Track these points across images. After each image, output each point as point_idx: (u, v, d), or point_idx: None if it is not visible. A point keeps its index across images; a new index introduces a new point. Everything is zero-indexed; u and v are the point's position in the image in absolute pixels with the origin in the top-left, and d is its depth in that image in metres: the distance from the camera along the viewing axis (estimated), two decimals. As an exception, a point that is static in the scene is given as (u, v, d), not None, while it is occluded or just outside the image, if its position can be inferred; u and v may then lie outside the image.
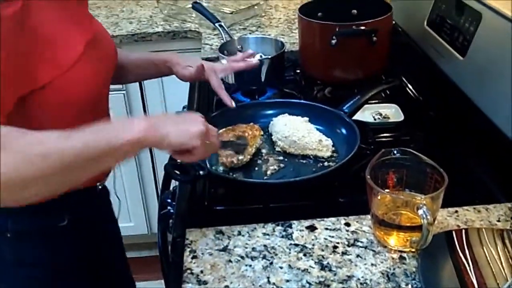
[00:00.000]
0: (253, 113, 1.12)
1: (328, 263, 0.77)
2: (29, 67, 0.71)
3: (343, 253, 0.79)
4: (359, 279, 0.74)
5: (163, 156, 1.07)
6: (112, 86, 0.96)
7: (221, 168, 0.97)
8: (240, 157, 0.96)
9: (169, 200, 0.97)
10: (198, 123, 0.74)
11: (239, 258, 0.79)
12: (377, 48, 1.20)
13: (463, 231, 0.77)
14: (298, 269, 0.76)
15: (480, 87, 1.01)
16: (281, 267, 0.77)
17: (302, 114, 1.08)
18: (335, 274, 0.75)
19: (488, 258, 0.71)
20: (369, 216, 0.83)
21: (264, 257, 0.79)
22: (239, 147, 0.96)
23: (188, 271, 0.77)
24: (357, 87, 1.18)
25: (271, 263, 0.77)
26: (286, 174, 0.97)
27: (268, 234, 0.84)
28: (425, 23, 1.25)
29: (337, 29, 1.17)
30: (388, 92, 1.25)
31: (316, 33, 1.24)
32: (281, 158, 1.03)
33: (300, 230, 0.84)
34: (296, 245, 0.81)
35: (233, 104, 1.05)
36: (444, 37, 1.15)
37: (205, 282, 0.74)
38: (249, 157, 0.97)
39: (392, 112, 1.18)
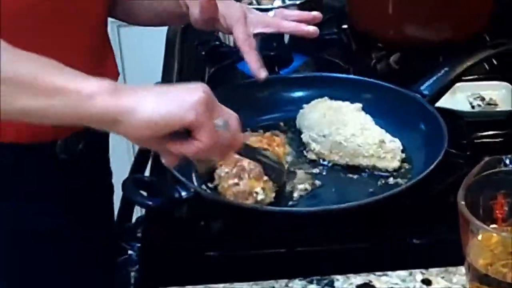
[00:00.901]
0: (270, 96, 1.14)
1: None
2: None
3: (419, 330, 0.78)
4: None
5: (121, 167, 1.12)
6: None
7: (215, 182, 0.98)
8: (260, 196, 0.95)
9: (130, 240, 1.00)
10: (196, 90, 0.77)
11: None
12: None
13: None
14: None
15: None
16: None
17: (351, 98, 1.09)
18: None
19: None
20: (462, 268, 0.81)
21: (288, 337, 0.79)
22: (275, 171, 0.97)
23: None
24: (444, 53, 1.19)
25: None
26: (324, 198, 0.98)
27: (294, 297, 0.83)
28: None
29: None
30: (495, 62, 1.25)
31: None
32: (316, 170, 1.03)
33: (348, 291, 0.84)
34: (342, 316, 0.81)
35: (263, 76, 1.10)
36: None
37: None
38: (273, 195, 0.97)
39: (502, 95, 1.19)
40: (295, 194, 0.99)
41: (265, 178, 0.96)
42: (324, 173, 1.04)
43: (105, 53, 1.13)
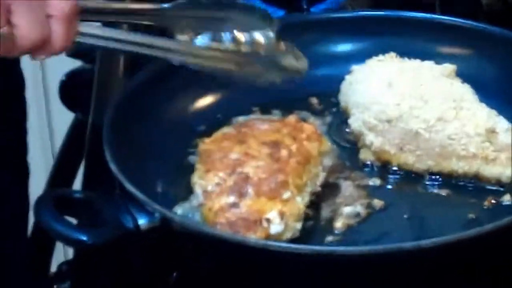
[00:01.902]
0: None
1: None
2: None
3: None
4: None
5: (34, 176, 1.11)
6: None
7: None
8: (276, 226, 0.80)
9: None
10: None
11: None
12: None
13: None
14: None
15: None
16: None
17: (437, 55, 0.99)
18: None
19: None
20: None
21: None
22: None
23: None
24: None
25: None
26: (389, 229, 0.84)
27: None
28: None
29: None
30: None
31: None
32: (375, 182, 0.90)
33: None
34: None
35: None
36: None
37: None
38: (298, 226, 0.82)
39: None
40: (338, 223, 0.84)
41: (286, 195, 0.79)
42: (389, 187, 0.89)
43: None
